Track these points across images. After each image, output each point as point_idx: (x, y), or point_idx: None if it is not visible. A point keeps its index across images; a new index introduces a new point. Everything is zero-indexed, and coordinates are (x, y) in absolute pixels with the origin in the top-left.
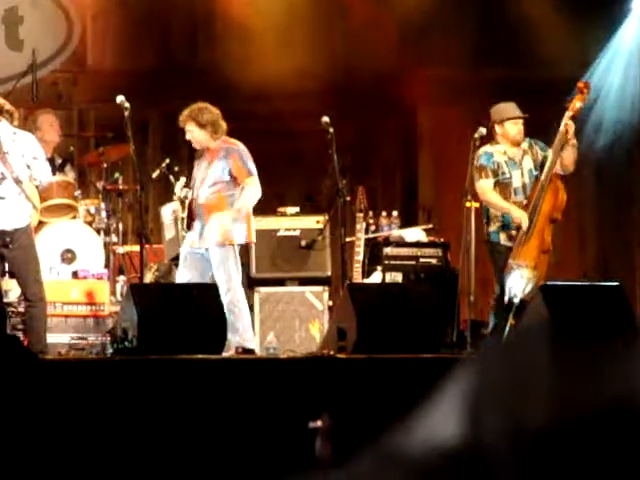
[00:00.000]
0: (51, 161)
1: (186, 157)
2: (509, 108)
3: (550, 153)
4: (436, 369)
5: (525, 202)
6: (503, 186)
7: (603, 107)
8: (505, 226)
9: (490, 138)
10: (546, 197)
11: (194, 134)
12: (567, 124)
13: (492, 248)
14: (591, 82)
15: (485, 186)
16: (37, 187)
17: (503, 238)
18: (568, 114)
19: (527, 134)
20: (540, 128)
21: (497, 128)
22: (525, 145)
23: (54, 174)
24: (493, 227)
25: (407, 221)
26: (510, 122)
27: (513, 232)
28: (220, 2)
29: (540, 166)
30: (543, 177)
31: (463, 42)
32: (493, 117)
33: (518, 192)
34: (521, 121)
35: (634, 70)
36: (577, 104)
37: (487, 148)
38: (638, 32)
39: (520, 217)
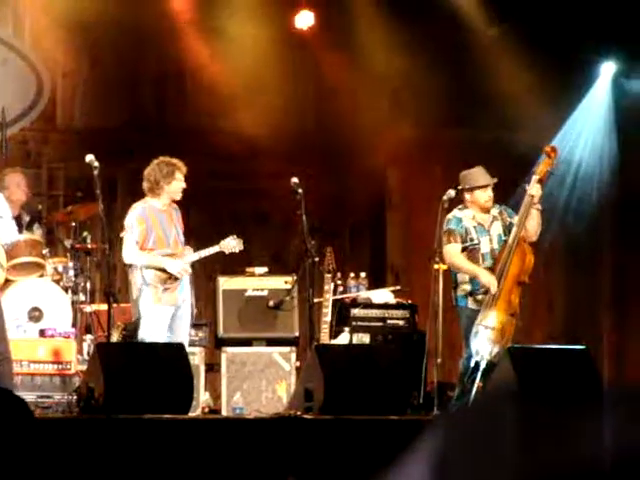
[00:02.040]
0: (18, 219)
1: None
2: (478, 175)
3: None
4: (403, 431)
5: (492, 266)
6: (472, 252)
7: (571, 171)
8: (472, 291)
9: (459, 200)
10: (513, 260)
11: None
12: (533, 189)
13: (460, 312)
14: (558, 146)
15: (452, 250)
16: (3, 246)
17: (470, 302)
18: (535, 178)
19: (495, 196)
20: (507, 190)
21: (467, 195)
22: (495, 211)
23: (21, 232)
24: (460, 292)
25: (375, 282)
26: (479, 190)
27: (480, 296)
28: (190, 62)
29: (508, 231)
30: (510, 240)
31: (432, 104)
32: (462, 184)
33: (486, 258)
34: (490, 187)
35: (602, 133)
36: (545, 168)
37: (456, 213)
38: (606, 96)
39: (488, 281)
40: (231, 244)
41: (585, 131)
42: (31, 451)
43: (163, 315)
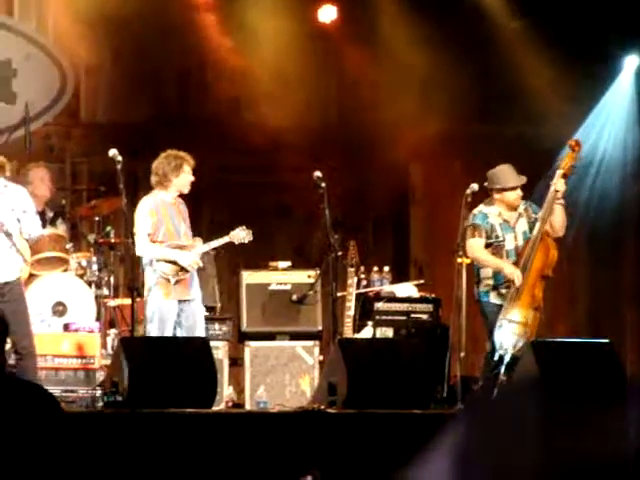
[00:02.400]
0: (42, 215)
1: None
2: (508, 175)
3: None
4: (426, 425)
5: (515, 260)
6: (496, 248)
7: (594, 164)
8: (495, 286)
9: (483, 194)
10: (537, 254)
11: None
12: (558, 183)
13: (483, 307)
14: (581, 140)
15: (475, 245)
16: (27, 240)
17: (493, 296)
18: (559, 172)
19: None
20: (531, 185)
21: (495, 194)
22: (521, 208)
23: (45, 227)
24: (483, 287)
25: (399, 276)
26: (510, 191)
27: (503, 291)
28: (213, 55)
29: (533, 227)
30: (534, 234)
31: (455, 98)
32: (491, 183)
33: (511, 254)
34: (519, 187)
35: (626, 126)
36: (569, 162)
37: (483, 208)
38: (630, 89)
39: (512, 272)
40: (240, 235)
41: (608, 124)
42: (61, 446)
43: (172, 310)
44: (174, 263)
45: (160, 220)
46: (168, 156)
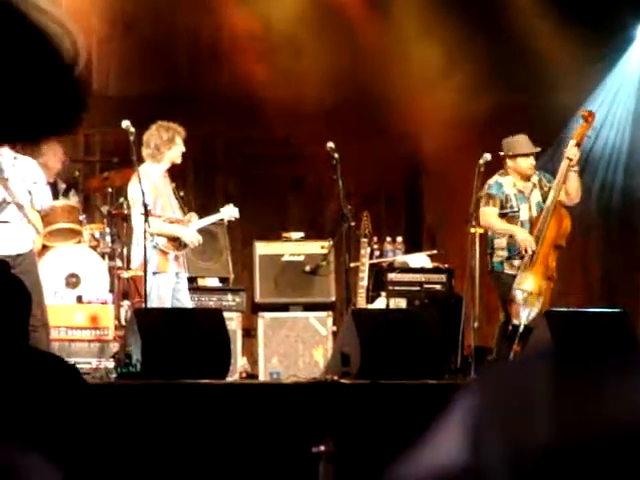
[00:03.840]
0: (53, 186)
1: (192, 181)
2: (522, 143)
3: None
4: (440, 395)
5: (529, 230)
6: (510, 219)
7: (607, 133)
8: (509, 257)
9: (498, 165)
10: (551, 224)
11: None
12: (570, 151)
13: (496, 277)
14: (595, 109)
15: (488, 211)
16: (39, 212)
17: (507, 267)
18: (572, 142)
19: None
20: (543, 153)
21: (509, 162)
22: (535, 179)
23: (57, 199)
24: (497, 258)
25: (411, 247)
26: (522, 157)
27: (517, 261)
28: (226, 27)
29: (547, 198)
30: (548, 204)
31: (467, 67)
32: (505, 150)
33: (525, 225)
34: (533, 155)
35: (638, 93)
36: (582, 132)
37: (498, 178)
38: None
39: (525, 239)
40: (230, 212)
41: (621, 93)
42: (87, 419)
43: (171, 282)
44: (175, 239)
45: (158, 194)
46: (159, 128)
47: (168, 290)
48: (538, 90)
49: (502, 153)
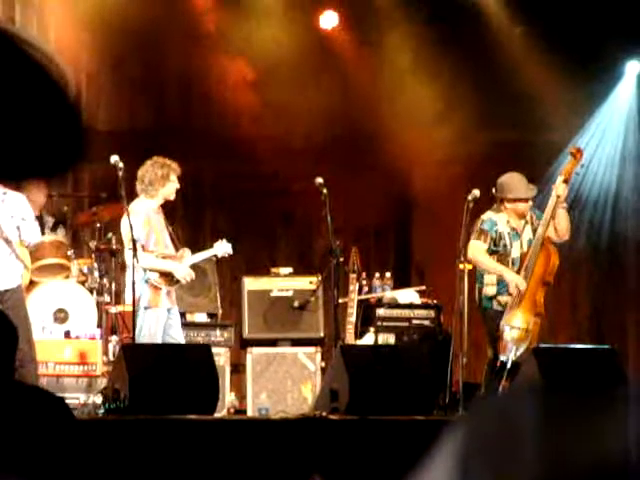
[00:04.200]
0: (39, 219)
1: (181, 216)
2: (520, 186)
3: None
4: (428, 431)
5: (517, 270)
6: (502, 256)
7: (596, 169)
8: (498, 293)
9: (486, 200)
10: (538, 260)
11: None
12: (559, 188)
13: (484, 313)
14: (583, 146)
15: (477, 247)
16: (27, 247)
17: (495, 303)
18: (561, 178)
19: None
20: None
21: (506, 203)
22: (527, 216)
23: (43, 233)
24: (486, 294)
25: (400, 282)
26: (521, 202)
27: (505, 297)
28: (215, 63)
29: (535, 233)
30: (535, 240)
31: (458, 104)
32: (502, 192)
33: (516, 262)
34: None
35: (627, 132)
36: (570, 169)
37: (492, 215)
38: (631, 95)
39: (513, 279)
40: (223, 248)
41: (609, 130)
42: (74, 453)
43: (162, 318)
44: (168, 274)
45: (152, 229)
46: (154, 164)
47: (159, 325)
48: (528, 127)
49: (495, 192)
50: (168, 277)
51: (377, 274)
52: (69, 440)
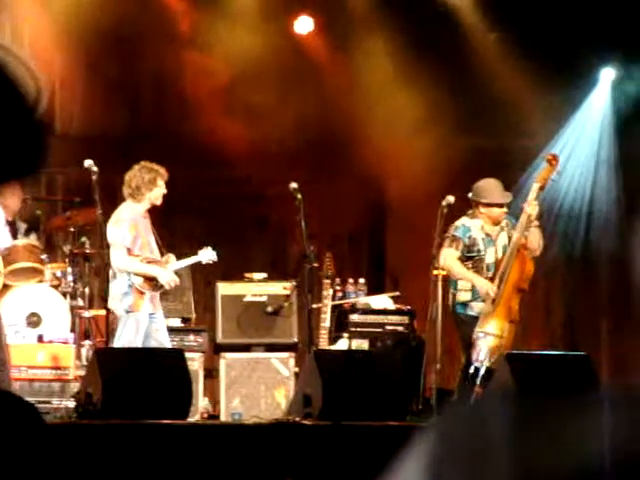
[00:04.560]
0: (12, 225)
1: (153, 221)
2: (495, 191)
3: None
4: (401, 436)
5: (491, 275)
6: (476, 262)
7: (570, 177)
8: (472, 299)
9: (460, 206)
10: (513, 267)
11: None
12: (530, 207)
13: (458, 319)
14: (558, 152)
15: (449, 254)
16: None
17: (469, 309)
18: (536, 186)
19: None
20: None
21: (481, 207)
22: (502, 222)
23: (16, 238)
24: (459, 299)
25: (374, 288)
26: (496, 207)
27: (479, 303)
28: (189, 67)
29: (510, 239)
30: (510, 247)
31: (433, 110)
32: (478, 196)
33: (491, 268)
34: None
35: (600, 140)
36: (546, 175)
37: (465, 221)
38: (606, 101)
39: (483, 286)
40: (208, 255)
41: (584, 137)
42: (44, 458)
43: (144, 322)
44: (152, 279)
45: (138, 233)
46: (142, 169)
47: (140, 330)
48: (504, 134)
49: (471, 196)
50: (152, 282)
51: (351, 280)
52: (39, 446)
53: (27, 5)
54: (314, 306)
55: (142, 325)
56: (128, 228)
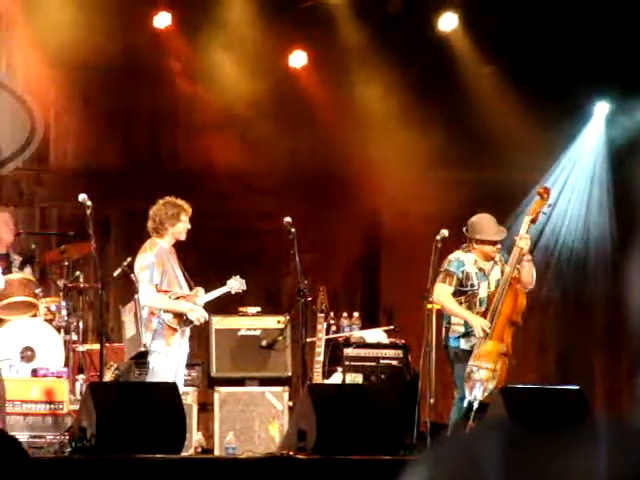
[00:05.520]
0: (6, 257)
1: None
2: (490, 229)
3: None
4: (396, 471)
5: (484, 309)
6: (469, 296)
7: (564, 210)
8: (465, 333)
9: (456, 239)
10: (506, 300)
11: None
12: (521, 241)
13: (452, 353)
14: (550, 187)
15: (443, 291)
16: None
17: (462, 342)
18: (527, 219)
19: None
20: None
21: (474, 243)
22: (496, 257)
23: (11, 271)
24: (453, 333)
25: (368, 322)
26: (490, 244)
27: (473, 338)
28: (183, 101)
29: (502, 274)
30: (503, 281)
31: (428, 144)
32: (472, 232)
33: (483, 302)
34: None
35: (593, 174)
36: (537, 208)
37: (459, 255)
38: (600, 135)
39: (478, 324)
40: (237, 284)
41: (578, 172)
42: None
43: (178, 358)
44: (181, 314)
45: (165, 269)
46: (166, 204)
47: (175, 365)
48: (497, 167)
49: (466, 232)
50: (182, 317)
51: (345, 313)
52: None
53: (22, 39)
54: (308, 340)
55: (177, 361)
56: (157, 264)
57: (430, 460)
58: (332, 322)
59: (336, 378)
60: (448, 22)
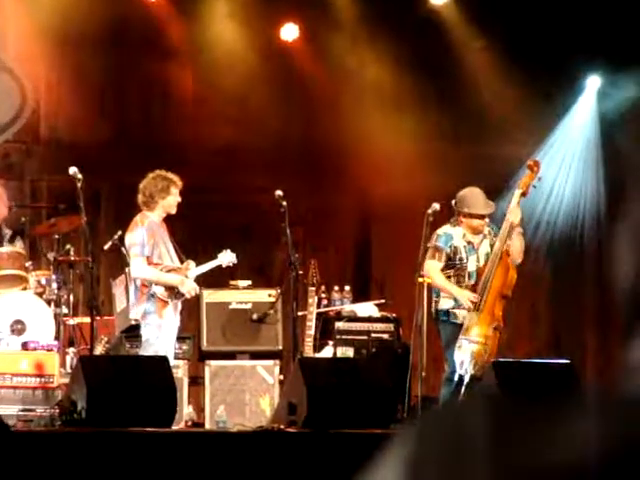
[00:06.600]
0: None
1: None
2: (478, 202)
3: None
4: (386, 444)
5: (473, 283)
6: (458, 270)
7: (554, 185)
8: (455, 306)
9: (447, 213)
10: (496, 274)
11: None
12: (512, 214)
13: (442, 327)
14: (541, 160)
15: (433, 266)
16: None
17: (453, 316)
18: (518, 192)
19: None
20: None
21: (462, 217)
22: (485, 230)
23: (2, 245)
24: (442, 306)
25: (359, 296)
26: (478, 218)
27: (463, 311)
28: (175, 74)
29: (492, 247)
30: (493, 255)
31: (418, 117)
32: (461, 205)
33: (472, 276)
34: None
35: (587, 148)
36: (527, 182)
37: (448, 229)
38: (592, 109)
39: (463, 296)
40: (228, 258)
41: (570, 145)
42: (10, 466)
43: (173, 329)
44: (173, 287)
45: (156, 242)
46: (156, 177)
47: (171, 336)
48: (488, 141)
49: (455, 205)
50: (173, 290)
51: (336, 287)
52: (4, 453)
53: (12, 9)
54: (299, 314)
55: (172, 333)
56: (148, 237)
57: (416, 431)
58: (323, 296)
59: (327, 352)
60: None
